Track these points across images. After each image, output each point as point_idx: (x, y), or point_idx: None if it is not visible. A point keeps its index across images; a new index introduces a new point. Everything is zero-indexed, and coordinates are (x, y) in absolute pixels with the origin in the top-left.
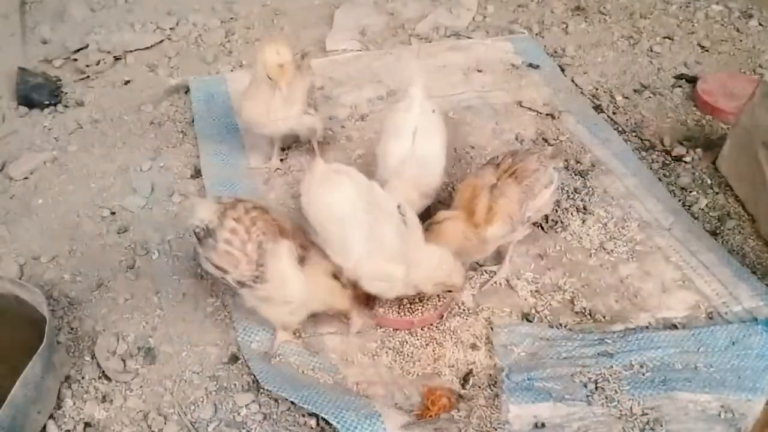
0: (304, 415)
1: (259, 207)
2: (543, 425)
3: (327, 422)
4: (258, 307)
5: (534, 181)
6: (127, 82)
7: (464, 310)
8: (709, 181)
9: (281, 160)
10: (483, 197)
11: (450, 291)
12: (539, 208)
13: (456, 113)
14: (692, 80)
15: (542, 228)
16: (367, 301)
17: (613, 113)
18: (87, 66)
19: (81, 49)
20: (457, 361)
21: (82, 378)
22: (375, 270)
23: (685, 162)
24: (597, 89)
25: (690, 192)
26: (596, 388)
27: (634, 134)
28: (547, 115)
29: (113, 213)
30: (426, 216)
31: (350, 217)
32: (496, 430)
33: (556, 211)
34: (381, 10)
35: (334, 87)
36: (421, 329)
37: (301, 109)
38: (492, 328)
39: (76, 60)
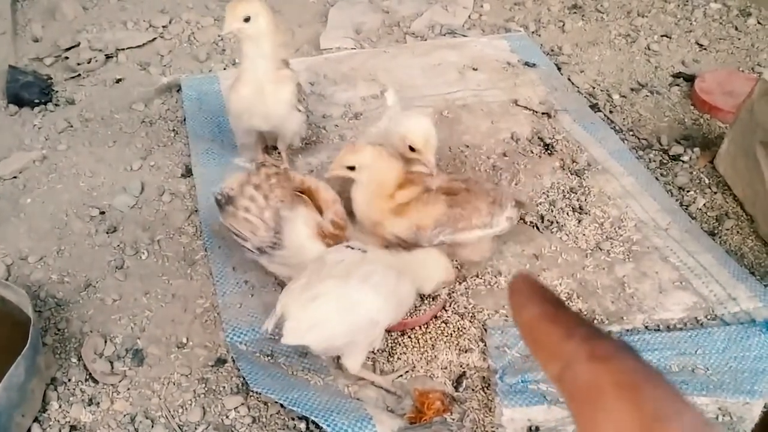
0: (294, 419)
1: (282, 173)
2: (537, 429)
3: (317, 426)
4: (280, 272)
5: (459, 216)
6: (118, 81)
7: (457, 311)
8: (707, 181)
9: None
10: (410, 191)
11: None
12: (460, 242)
13: (451, 112)
14: (690, 79)
15: (538, 228)
16: None
17: (610, 112)
18: (78, 64)
19: (72, 47)
20: (450, 363)
21: (69, 380)
22: None
23: (683, 161)
24: (594, 88)
25: (688, 191)
26: None
27: (631, 133)
28: (543, 113)
29: (102, 212)
30: None
31: None
32: None
33: (552, 210)
34: (376, 8)
35: (328, 85)
36: (413, 330)
37: (292, 97)
38: (485, 330)
39: (67, 58)
